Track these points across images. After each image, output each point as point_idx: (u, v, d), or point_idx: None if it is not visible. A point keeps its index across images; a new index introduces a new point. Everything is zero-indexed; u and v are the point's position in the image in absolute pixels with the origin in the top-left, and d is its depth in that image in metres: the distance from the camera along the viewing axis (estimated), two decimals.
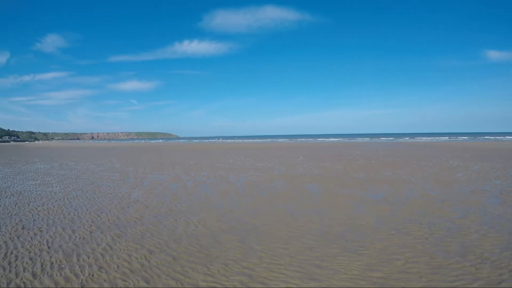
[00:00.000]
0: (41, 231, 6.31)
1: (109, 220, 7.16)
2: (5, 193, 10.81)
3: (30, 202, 9.26)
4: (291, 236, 5.77)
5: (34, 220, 7.18)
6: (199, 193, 10.42)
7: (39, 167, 20.20)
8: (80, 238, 5.84)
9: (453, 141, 65.61)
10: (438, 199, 8.84)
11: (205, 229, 6.32)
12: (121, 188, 11.59)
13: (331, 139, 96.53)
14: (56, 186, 12.06)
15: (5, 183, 13.19)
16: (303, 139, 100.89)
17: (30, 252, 5.08)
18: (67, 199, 9.65)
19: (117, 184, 12.44)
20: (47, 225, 6.73)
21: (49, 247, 5.33)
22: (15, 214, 7.73)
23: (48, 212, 7.93)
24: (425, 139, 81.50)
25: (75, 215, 7.65)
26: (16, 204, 8.98)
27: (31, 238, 5.85)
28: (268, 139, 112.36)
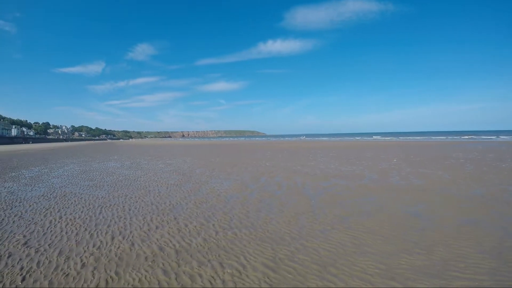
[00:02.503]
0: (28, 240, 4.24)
1: (108, 254, 4.91)
2: (47, 195, 10.01)
3: (60, 209, 7.98)
4: None
5: (30, 233, 5.36)
6: (258, 214, 7.50)
7: (109, 165, 21.05)
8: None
9: None
10: None
11: None
12: (170, 197, 9.70)
13: (418, 137, 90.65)
14: (104, 190, 11.09)
15: (60, 182, 13.11)
16: (392, 138, 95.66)
17: None
18: (99, 208, 8.06)
19: (169, 191, 10.65)
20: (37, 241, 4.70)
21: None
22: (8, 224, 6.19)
23: (60, 228, 6.11)
24: None
25: (80, 236, 5.56)
26: (36, 210, 7.78)
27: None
28: (356, 137, 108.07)
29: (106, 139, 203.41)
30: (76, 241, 5.65)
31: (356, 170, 15.96)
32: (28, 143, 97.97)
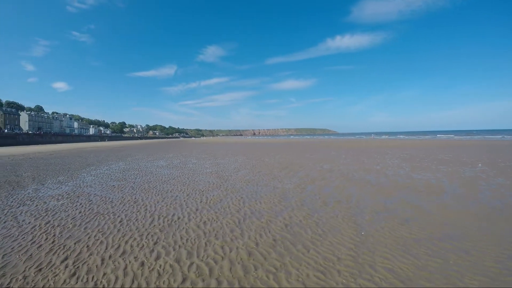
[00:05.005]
0: None
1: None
2: (63, 195, 9.45)
3: (58, 212, 7.01)
4: None
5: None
6: (264, 259, 5.08)
7: (155, 164, 21.35)
8: None
9: None
10: None
11: None
12: (178, 209, 8.18)
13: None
14: (122, 192, 10.29)
15: (89, 180, 13.01)
16: (472, 136, 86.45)
17: None
18: (95, 215, 6.86)
19: (186, 199, 9.24)
20: None
21: None
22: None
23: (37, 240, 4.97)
24: None
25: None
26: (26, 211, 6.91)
27: None
28: (429, 136, 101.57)
29: (179, 137, 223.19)
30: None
31: (431, 178, 12.40)
32: (104, 140, 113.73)
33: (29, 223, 6.88)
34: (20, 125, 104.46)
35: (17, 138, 65.78)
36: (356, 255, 4.83)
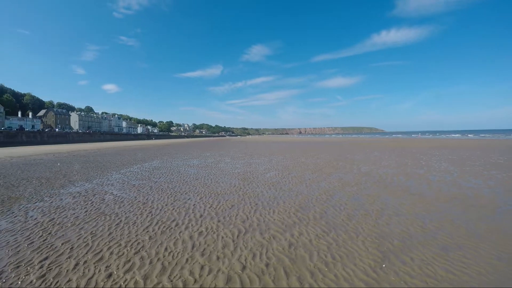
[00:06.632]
0: None
1: None
2: (83, 193, 9.77)
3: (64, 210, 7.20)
4: None
5: None
6: None
7: (188, 163, 22.00)
8: None
9: None
10: None
11: None
12: (188, 213, 7.93)
13: None
14: (139, 193, 10.44)
15: (118, 178, 13.48)
16: None
17: None
18: (94, 218, 6.90)
19: (199, 206, 9.01)
20: None
21: None
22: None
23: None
24: None
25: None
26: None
27: None
28: (488, 134, 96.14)
29: (225, 136, 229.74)
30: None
31: (483, 187, 10.74)
32: (151, 139, 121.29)
33: (35, 219, 7.15)
34: (71, 124, 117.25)
35: (67, 137, 73.86)
36: None
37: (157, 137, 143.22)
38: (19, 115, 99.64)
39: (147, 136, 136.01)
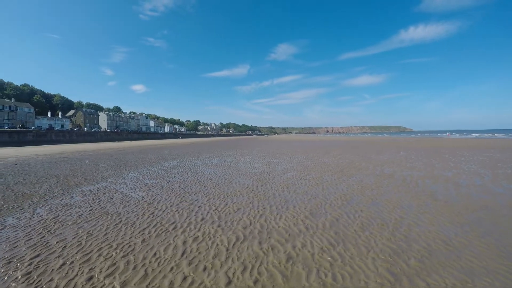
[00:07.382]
0: None
1: None
2: (97, 191, 10.04)
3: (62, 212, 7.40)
4: None
5: None
6: None
7: (207, 162, 22.08)
8: None
9: None
10: None
11: None
12: (190, 215, 7.80)
13: None
14: (147, 191, 10.52)
15: (135, 176, 13.75)
16: None
17: None
18: (95, 218, 6.99)
19: (204, 208, 8.91)
20: None
21: None
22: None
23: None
24: None
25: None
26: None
27: None
28: None
29: (251, 135, 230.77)
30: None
31: None
32: (178, 138, 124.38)
33: (41, 216, 7.34)
34: (99, 124, 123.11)
35: (95, 136, 77.69)
36: None
37: (184, 136, 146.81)
38: (49, 115, 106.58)
39: (174, 135, 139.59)
